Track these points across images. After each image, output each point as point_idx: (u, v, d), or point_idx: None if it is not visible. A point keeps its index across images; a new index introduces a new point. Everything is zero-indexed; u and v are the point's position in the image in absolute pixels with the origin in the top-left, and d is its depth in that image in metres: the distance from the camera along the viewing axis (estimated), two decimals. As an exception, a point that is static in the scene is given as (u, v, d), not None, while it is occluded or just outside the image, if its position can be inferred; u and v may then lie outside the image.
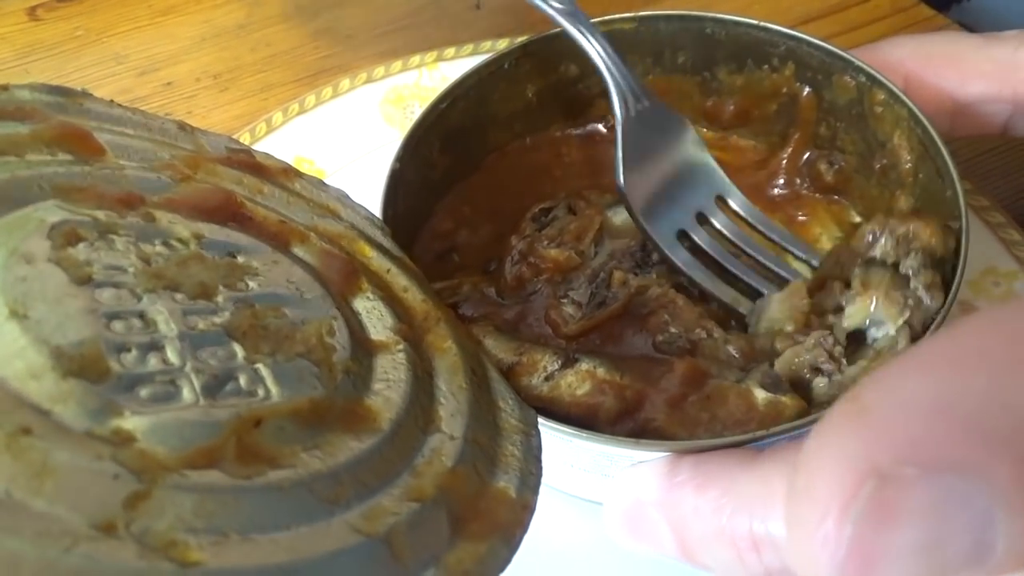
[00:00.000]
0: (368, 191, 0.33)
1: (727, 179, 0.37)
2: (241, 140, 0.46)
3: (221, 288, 0.22)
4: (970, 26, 0.55)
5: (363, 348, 0.24)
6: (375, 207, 0.32)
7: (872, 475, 0.16)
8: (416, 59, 0.51)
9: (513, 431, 0.24)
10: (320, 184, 0.31)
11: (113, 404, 0.17)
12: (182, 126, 0.29)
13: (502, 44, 0.50)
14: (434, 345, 0.26)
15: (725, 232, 0.36)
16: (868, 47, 0.35)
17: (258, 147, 0.45)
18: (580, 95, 0.42)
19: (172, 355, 0.19)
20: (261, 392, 0.20)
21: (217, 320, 0.21)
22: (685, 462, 0.24)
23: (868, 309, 0.28)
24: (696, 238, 0.35)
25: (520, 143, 0.43)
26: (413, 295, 0.28)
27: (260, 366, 0.20)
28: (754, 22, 0.38)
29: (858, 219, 0.38)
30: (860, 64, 0.35)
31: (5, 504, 0.14)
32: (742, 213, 0.37)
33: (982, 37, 0.34)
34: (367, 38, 0.57)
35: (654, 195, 0.36)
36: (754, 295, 0.33)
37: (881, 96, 0.34)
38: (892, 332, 0.27)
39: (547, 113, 0.42)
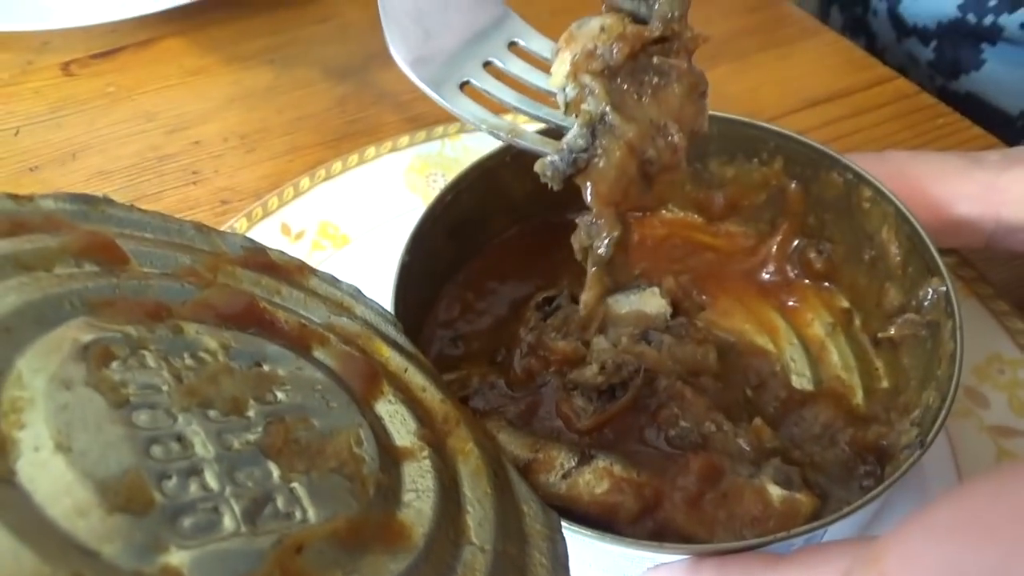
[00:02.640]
0: (390, 257, 0.34)
1: (522, 23, 0.36)
2: (269, 204, 0.49)
3: (251, 402, 0.22)
4: (979, 97, 0.58)
5: (390, 457, 0.24)
6: (388, 289, 0.33)
7: None
8: (440, 130, 0.53)
9: (539, 537, 0.24)
10: (333, 280, 0.32)
11: (159, 539, 0.17)
12: (199, 227, 0.30)
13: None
14: (456, 448, 0.26)
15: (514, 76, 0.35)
16: (860, 155, 0.37)
17: (285, 211, 0.49)
18: (575, 184, 0.43)
19: (211, 480, 0.19)
20: (299, 514, 0.20)
21: (251, 438, 0.21)
22: (707, 564, 0.25)
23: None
24: (477, 83, 0.34)
25: (520, 229, 0.44)
26: (431, 395, 0.28)
27: (296, 485, 0.20)
28: (745, 120, 0.40)
29: (847, 305, 0.40)
30: (847, 162, 0.37)
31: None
32: (533, 51, 0.35)
33: (967, 158, 0.37)
34: (392, 104, 0.58)
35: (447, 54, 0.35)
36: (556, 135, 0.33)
37: (868, 193, 0.36)
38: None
39: (543, 201, 0.43)
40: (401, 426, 0.25)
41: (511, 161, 0.40)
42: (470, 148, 0.51)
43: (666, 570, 0.25)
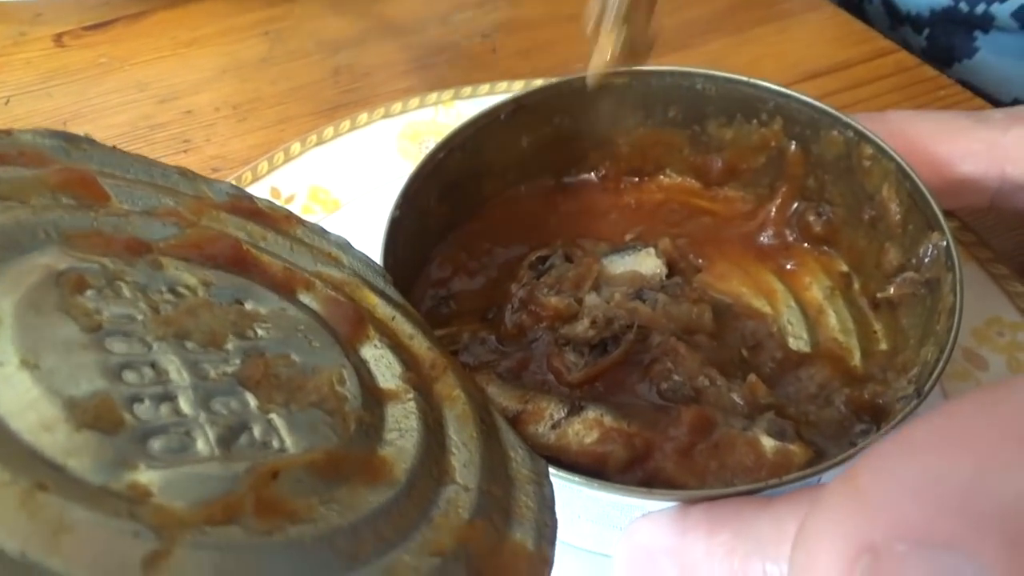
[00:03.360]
0: (381, 222, 0.33)
1: None
2: (259, 168, 0.49)
3: (231, 336, 0.22)
4: (972, 85, 0.58)
5: (373, 397, 0.23)
6: (379, 247, 0.32)
7: (867, 551, 0.17)
8: (433, 96, 0.52)
9: (525, 481, 0.24)
10: (322, 231, 0.31)
11: (128, 457, 0.16)
12: (184, 172, 0.29)
13: (517, 85, 0.52)
14: (443, 394, 0.26)
15: None
16: (861, 115, 0.37)
17: (275, 175, 0.48)
18: (573, 146, 0.43)
19: (185, 406, 0.18)
20: (276, 443, 0.19)
21: (228, 369, 0.20)
22: (696, 508, 0.24)
23: None
24: None
25: (514, 192, 0.43)
26: (419, 343, 0.28)
27: (274, 416, 0.20)
28: (744, 79, 0.39)
29: (846, 269, 0.39)
30: (847, 120, 0.36)
31: (21, 566, 0.13)
32: None
33: (972, 117, 0.36)
34: (385, 76, 0.58)
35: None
36: None
37: (869, 151, 0.35)
38: None
39: (540, 163, 0.43)
40: (386, 369, 0.25)
41: (506, 120, 0.40)
42: (464, 115, 0.50)
43: (654, 516, 0.24)
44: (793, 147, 0.39)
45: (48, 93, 0.58)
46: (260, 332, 0.23)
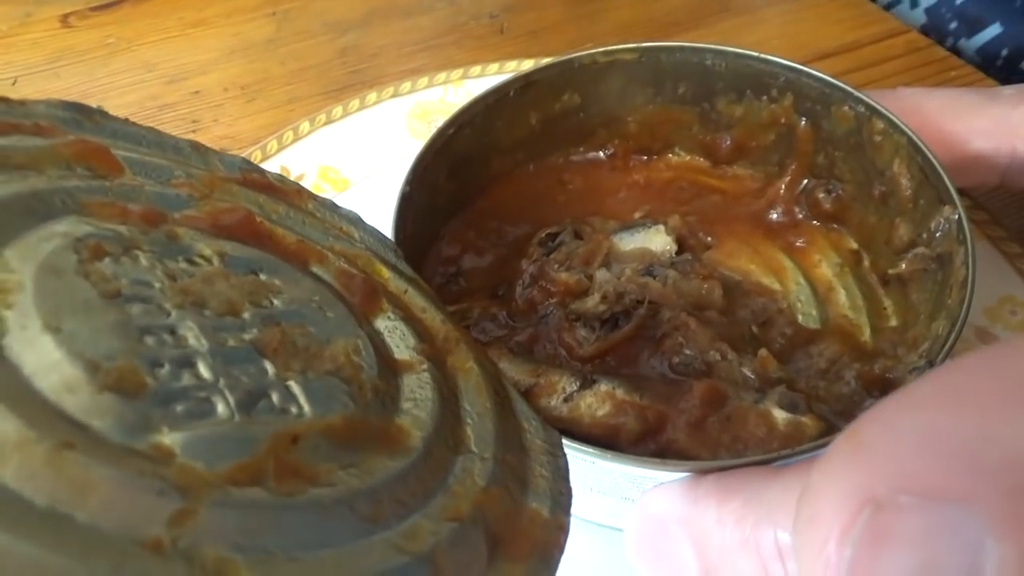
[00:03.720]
0: (391, 201, 0.33)
1: None
2: (268, 147, 0.49)
3: (247, 305, 0.22)
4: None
5: (389, 367, 0.23)
6: (389, 224, 0.32)
7: (870, 503, 0.17)
8: (442, 76, 0.52)
9: (540, 452, 0.24)
10: (333, 206, 0.31)
11: (150, 419, 0.16)
12: (196, 146, 0.29)
13: (527, 64, 0.51)
14: (456, 366, 0.26)
15: None
16: (872, 92, 0.37)
17: (284, 154, 0.48)
18: (582, 124, 0.43)
19: (205, 371, 0.19)
20: (294, 409, 0.19)
21: (246, 337, 0.21)
22: (707, 478, 0.24)
23: None
24: None
25: (523, 170, 0.43)
26: (431, 316, 0.28)
27: (292, 383, 0.20)
28: (754, 54, 0.39)
29: (855, 246, 0.39)
30: (859, 95, 0.36)
31: (50, 520, 0.13)
32: None
33: (982, 94, 0.36)
34: (393, 57, 0.58)
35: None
36: None
37: (880, 125, 0.35)
38: None
39: (549, 140, 0.43)
40: (400, 341, 0.25)
41: (515, 97, 0.40)
42: (473, 95, 0.50)
43: (665, 487, 0.25)
44: (803, 123, 0.39)
45: (56, 74, 0.58)
46: (276, 302, 0.23)
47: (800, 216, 0.41)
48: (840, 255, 0.39)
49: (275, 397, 0.19)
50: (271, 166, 0.48)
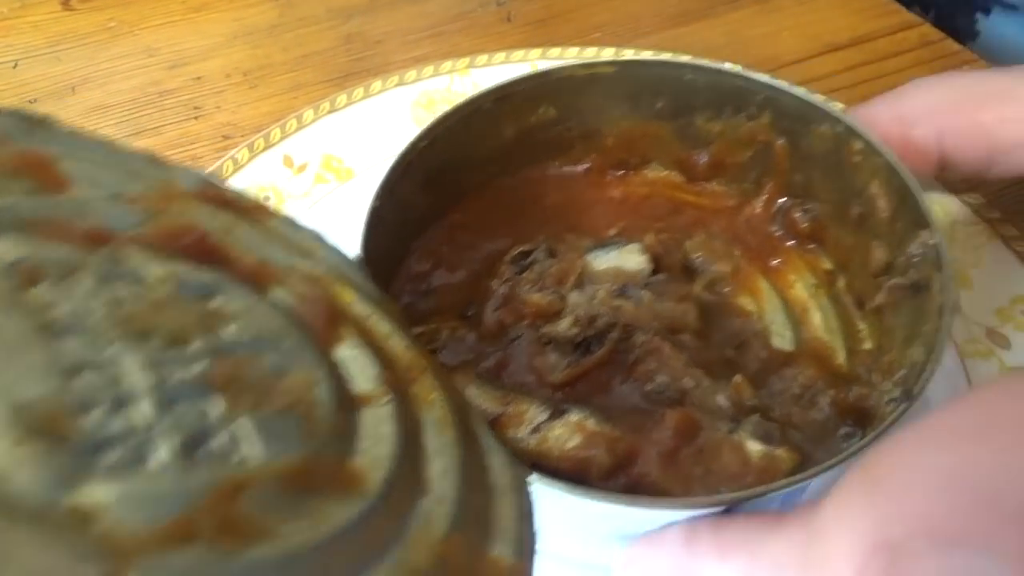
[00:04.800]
0: None
1: None
2: (272, 135, 0.48)
3: (198, 334, 0.21)
4: (988, 60, 0.56)
5: (348, 401, 0.22)
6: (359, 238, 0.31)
7: (884, 548, 0.16)
8: (448, 64, 0.51)
9: (505, 490, 0.23)
10: (295, 224, 0.30)
11: (75, 472, 0.15)
12: (152, 158, 0.28)
13: (534, 54, 0.51)
14: (420, 397, 0.25)
15: None
16: (892, 94, 0.35)
17: (288, 143, 0.48)
18: (558, 137, 0.42)
19: (144, 411, 0.17)
20: (243, 451, 0.18)
21: (195, 369, 0.19)
22: (703, 529, 0.23)
23: None
24: None
25: (498, 183, 0.42)
26: (396, 342, 0.26)
27: (241, 421, 0.19)
28: (734, 71, 0.38)
29: (831, 267, 0.39)
30: (837, 115, 0.35)
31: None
32: None
33: (1009, 77, 0.34)
34: (397, 44, 0.58)
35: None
36: None
37: (859, 146, 0.35)
38: None
39: (525, 153, 0.42)
40: (361, 372, 0.24)
41: (490, 109, 0.39)
42: (479, 85, 0.49)
43: (659, 537, 0.24)
44: (780, 142, 0.38)
45: (57, 57, 0.57)
46: (230, 330, 0.22)
47: (777, 236, 0.40)
48: (816, 276, 0.39)
49: (222, 438, 0.18)
50: (275, 155, 0.47)
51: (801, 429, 0.31)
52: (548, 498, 0.25)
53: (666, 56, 0.40)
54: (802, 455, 0.27)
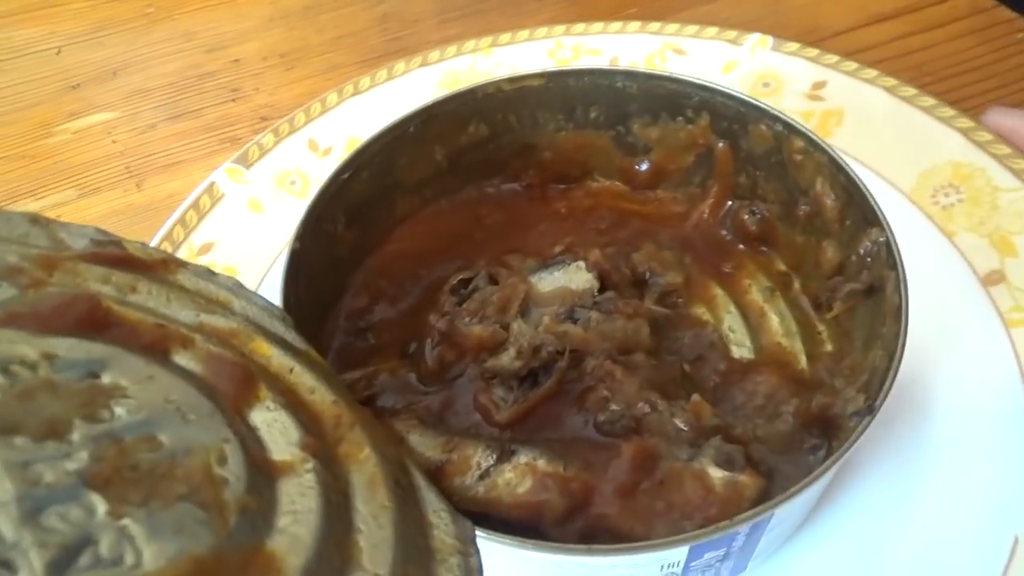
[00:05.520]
0: None
1: None
2: (296, 120, 0.47)
3: (78, 421, 0.18)
4: None
5: (263, 474, 0.20)
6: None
7: None
8: (471, 44, 0.50)
9: (448, 552, 0.21)
10: (208, 274, 0.28)
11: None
12: (36, 219, 0.25)
13: (558, 30, 0.50)
14: (349, 456, 0.22)
15: None
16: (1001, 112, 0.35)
17: (313, 127, 0.47)
18: (493, 155, 0.40)
19: (4, 527, 0.15)
20: (129, 558, 0.16)
21: (71, 466, 0.17)
22: None
23: None
24: None
25: (436, 207, 0.40)
26: (322, 396, 0.24)
27: (128, 521, 0.16)
28: (666, 74, 0.37)
29: (785, 268, 0.37)
30: (776, 113, 0.34)
31: None
32: None
33: None
34: (433, 24, 0.58)
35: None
36: None
37: (800, 144, 0.34)
38: None
39: (460, 175, 0.40)
40: (280, 436, 0.22)
41: (416, 132, 0.37)
42: (503, 63, 0.49)
43: None
44: (721, 145, 0.37)
45: (99, 43, 0.59)
46: (118, 411, 0.19)
47: (727, 240, 0.39)
48: (770, 279, 0.38)
49: (104, 544, 0.16)
50: (300, 138, 0.46)
51: (766, 442, 0.30)
52: (500, 552, 0.23)
53: (598, 64, 0.39)
54: (768, 474, 0.26)
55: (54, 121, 0.54)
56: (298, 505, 0.20)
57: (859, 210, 0.31)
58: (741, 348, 0.35)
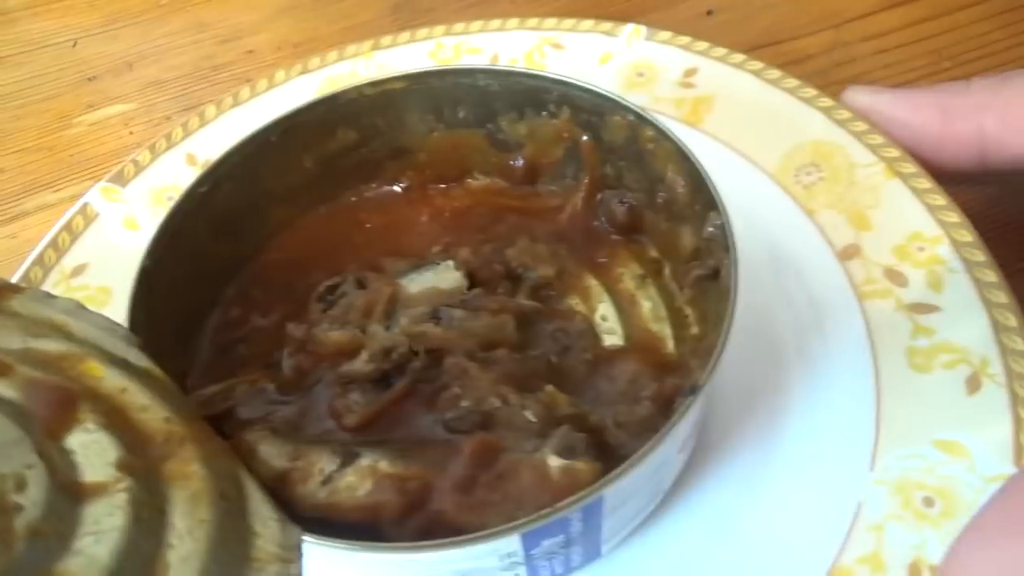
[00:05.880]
0: None
1: None
2: (173, 136, 0.46)
3: None
4: None
5: (68, 497, 0.20)
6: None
7: None
8: (352, 48, 0.50)
9: (268, 560, 0.21)
10: (45, 297, 0.27)
11: None
12: None
13: (439, 30, 0.50)
14: (174, 472, 0.23)
15: None
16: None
17: (191, 141, 0.45)
18: (366, 159, 0.40)
19: None
20: None
21: None
22: None
23: None
24: None
25: (313, 214, 0.40)
26: (153, 414, 0.24)
27: None
28: (523, 71, 0.37)
29: (656, 255, 0.38)
30: (626, 103, 0.35)
31: None
32: None
33: (957, 85, 0.35)
34: (445, 12, 0.57)
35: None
36: None
37: (650, 133, 0.34)
38: None
39: (334, 181, 0.40)
40: (97, 457, 0.22)
41: (279, 141, 0.37)
42: (386, 66, 0.47)
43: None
44: (585, 137, 0.38)
45: (113, 35, 0.59)
46: (-92, 445, 0.19)
47: (602, 231, 0.40)
48: (643, 266, 0.38)
49: None
50: (177, 154, 0.46)
51: (627, 427, 0.30)
52: (338, 556, 0.24)
53: (460, 64, 0.39)
54: (607, 463, 0.26)
55: (72, 113, 0.54)
56: (103, 525, 0.20)
57: (705, 195, 0.32)
58: (612, 336, 0.36)
